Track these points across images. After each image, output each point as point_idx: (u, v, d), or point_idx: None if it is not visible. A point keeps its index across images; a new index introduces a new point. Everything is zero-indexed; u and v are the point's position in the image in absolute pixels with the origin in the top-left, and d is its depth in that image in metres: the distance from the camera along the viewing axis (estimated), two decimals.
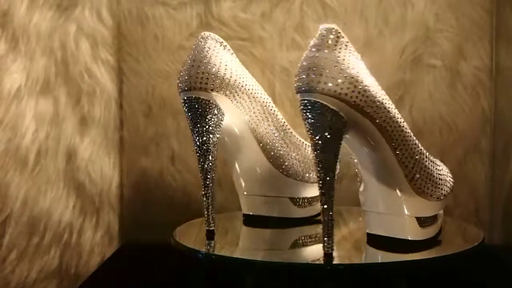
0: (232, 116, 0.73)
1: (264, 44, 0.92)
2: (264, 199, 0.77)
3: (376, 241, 0.69)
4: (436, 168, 0.70)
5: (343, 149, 0.86)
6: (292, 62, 0.92)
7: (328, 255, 0.63)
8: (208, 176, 0.72)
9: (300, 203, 0.78)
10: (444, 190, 0.70)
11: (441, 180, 0.70)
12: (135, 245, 0.93)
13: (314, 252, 0.71)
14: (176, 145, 0.93)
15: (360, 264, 0.64)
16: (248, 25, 0.92)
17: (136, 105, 0.94)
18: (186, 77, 0.70)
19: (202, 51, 0.71)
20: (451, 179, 0.73)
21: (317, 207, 0.70)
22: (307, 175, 0.77)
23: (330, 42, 0.63)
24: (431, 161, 0.70)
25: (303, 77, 0.62)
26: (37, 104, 0.69)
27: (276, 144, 0.76)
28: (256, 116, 0.75)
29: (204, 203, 0.72)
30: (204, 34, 0.72)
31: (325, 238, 0.63)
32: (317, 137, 0.62)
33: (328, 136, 0.62)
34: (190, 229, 0.79)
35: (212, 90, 0.71)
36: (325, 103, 0.61)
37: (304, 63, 0.62)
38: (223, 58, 0.72)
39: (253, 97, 0.75)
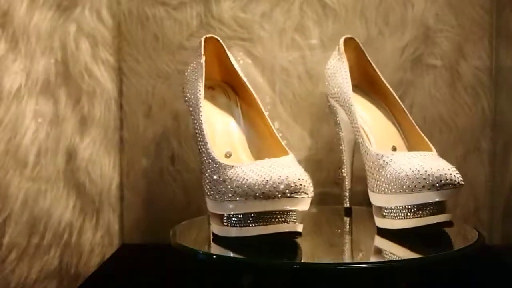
0: None
1: (264, 44, 0.92)
2: None
3: (375, 241, 0.69)
4: (213, 169, 0.69)
5: (338, 145, 0.86)
6: (292, 62, 0.92)
7: None
8: None
9: None
10: (214, 194, 0.68)
11: (219, 182, 0.68)
12: (135, 245, 0.93)
13: (314, 251, 0.71)
14: (176, 145, 0.93)
15: (360, 264, 0.64)
16: (248, 25, 0.92)
17: (136, 105, 0.94)
18: None
19: None
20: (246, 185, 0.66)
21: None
22: None
23: None
24: (213, 162, 0.70)
25: None
26: (37, 104, 0.69)
27: None
28: None
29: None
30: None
31: None
32: None
33: None
34: (190, 229, 0.79)
35: None
36: None
37: None
38: None
39: None
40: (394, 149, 0.78)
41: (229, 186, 0.67)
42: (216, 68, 0.83)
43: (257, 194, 0.64)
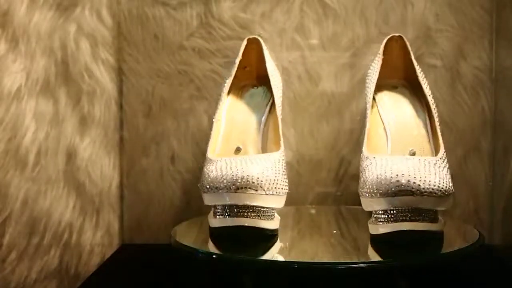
0: None
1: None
2: None
3: (376, 241, 0.69)
4: (205, 162, 0.74)
5: (338, 145, 0.87)
6: (292, 62, 0.92)
7: None
8: None
9: None
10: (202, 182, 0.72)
11: (203, 175, 0.72)
12: (135, 245, 0.93)
13: (314, 251, 0.71)
14: (176, 145, 0.93)
15: (360, 264, 0.64)
16: (248, 25, 0.92)
17: (136, 105, 0.94)
18: None
19: None
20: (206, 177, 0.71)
21: None
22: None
23: None
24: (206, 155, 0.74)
25: None
26: (37, 104, 0.69)
27: None
28: None
29: None
30: None
31: None
32: None
33: None
34: (190, 229, 0.79)
35: None
36: None
37: None
38: None
39: None
40: (412, 153, 0.76)
41: (205, 178, 0.70)
42: (257, 69, 0.87)
43: (212, 188, 0.68)
